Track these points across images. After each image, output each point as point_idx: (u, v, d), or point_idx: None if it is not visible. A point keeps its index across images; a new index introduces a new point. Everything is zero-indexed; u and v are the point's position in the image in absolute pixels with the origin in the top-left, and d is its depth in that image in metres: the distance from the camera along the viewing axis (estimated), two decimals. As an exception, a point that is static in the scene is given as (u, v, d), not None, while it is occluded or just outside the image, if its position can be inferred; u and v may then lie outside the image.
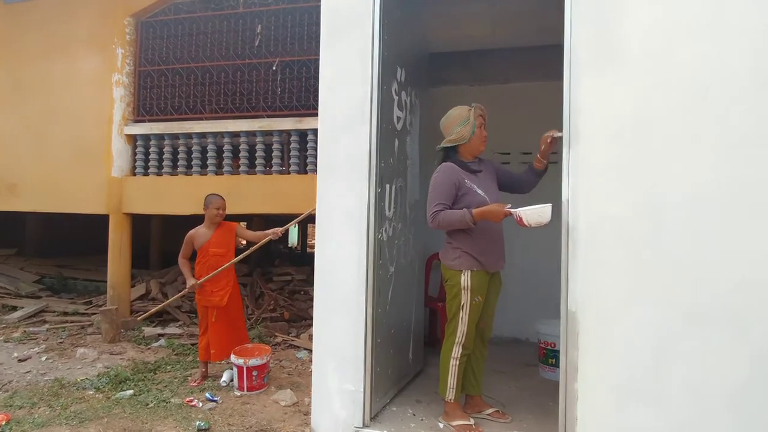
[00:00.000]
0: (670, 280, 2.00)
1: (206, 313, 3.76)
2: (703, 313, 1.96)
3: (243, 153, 5.10)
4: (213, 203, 3.73)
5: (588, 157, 2.12)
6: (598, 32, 2.12)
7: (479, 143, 2.53)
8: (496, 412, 2.66)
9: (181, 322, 5.43)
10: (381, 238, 2.55)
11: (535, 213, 2.22)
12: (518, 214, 2.25)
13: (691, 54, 2.01)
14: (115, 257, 5.28)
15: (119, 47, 5.33)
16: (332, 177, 2.50)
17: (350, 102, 2.45)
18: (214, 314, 3.70)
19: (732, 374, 1.93)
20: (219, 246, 3.74)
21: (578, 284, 2.12)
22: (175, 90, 5.37)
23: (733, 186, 1.95)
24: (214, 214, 3.72)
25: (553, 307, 3.73)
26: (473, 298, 2.45)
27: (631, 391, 2.04)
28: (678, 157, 2.01)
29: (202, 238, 3.77)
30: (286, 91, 5.08)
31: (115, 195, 5.27)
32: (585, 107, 2.13)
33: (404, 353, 3.01)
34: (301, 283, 6.09)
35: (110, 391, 3.52)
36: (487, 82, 4.14)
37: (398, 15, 2.65)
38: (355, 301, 2.45)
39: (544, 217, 2.22)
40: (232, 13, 5.23)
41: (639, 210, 2.05)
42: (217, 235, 3.76)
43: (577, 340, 2.12)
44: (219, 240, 3.76)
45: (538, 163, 2.56)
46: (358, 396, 2.42)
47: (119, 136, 5.30)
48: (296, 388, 3.58)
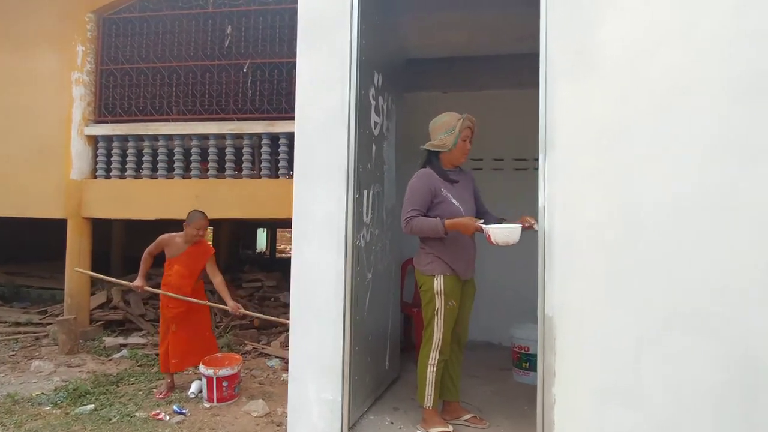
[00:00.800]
0: (646, 284, 2.06)
1: (165, 324, 3.61)
2: (677, 316, 2.03)
3: (212, 156, 4.96)
4: (195, 223, 3.51)
5: (564, 164, 2.16)
6: (574, 41, 2.17)
7: (460, 155, 2.55)
8: (473, 418, 2.66)
9: (144, 331, 5.21)
10: (359, 244, 2.52)
11: (503, 233, 2.29)
12: (488, 231, 2.31)
13: (663, 63, 2.08)
14: (73, 264, 5.01)
15: (80, 44, 5.09)
16: (310, 182, 2.46)
17: (328, 106, 2.42)
18: (174, 325, 3.54)
19: (706, 375, 1.99)
20: (185, 266, 3.55)
21: (555, 289, 2.15)
22: (140, 90, 5.17)
23: (704, 193, 2.03)
24: (194, 234, 3.53)
25: (526, 311, 3.82)
26: (447, 303, 2.47)
27: (609, 393, 2.08)
28: (652, 164, 2.08)
29: (174, 248, 3.58)
30: (258, 93, 4.98)
31: (74, 198, 5.02)
32: (561, 114, 2.17)
33: (381, 360, 2.99)
34: (272, 290, 5.97)
35: (69, 406, 3.33)
36: (462, 89, 4.19)
37: (376, 20, 2.64)
38: (334, 309, 2.40)
39: (511, 238, 2.29)
40: (201, 13, 5.10)
41: (614, 216, 2.10)
42: (188, 253, 3.57)
43: (554, 345, 2.15)
44: (188, 260, 3.56)
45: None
46: (336, 405, 2.37)
47: (79, 137, 5.05)
48: (268, 398, 3.49)
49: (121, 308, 5.42)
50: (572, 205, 2.16)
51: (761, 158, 1.97)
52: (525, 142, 4.15)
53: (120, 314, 5.33)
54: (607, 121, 2.14)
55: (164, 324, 3.63)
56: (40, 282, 6.64)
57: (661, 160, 2.08)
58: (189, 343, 3.55)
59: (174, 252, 3.58)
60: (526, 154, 4.28)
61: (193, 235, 3.54)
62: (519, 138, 4.16)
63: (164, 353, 3.57)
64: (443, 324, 2.47)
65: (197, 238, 3.57)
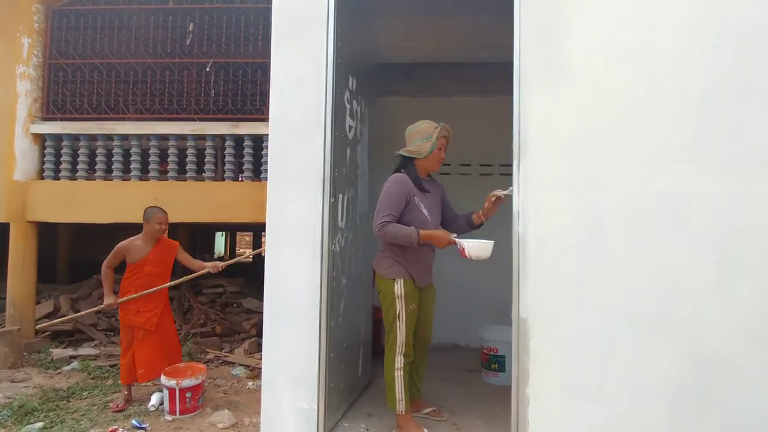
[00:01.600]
0: (612, 286, 2.15)
1: (130, 332, 3.43)
2: (640, 316, 2.13)
3: (172, 157, 4.77)
4: (155, 217, 3.41)
5: (537, 170, 2.23)
6: (545, 52, 2.25)
7: (434, 163, 2.59)
8: (433, 411, 2.75)
9: (96, 341, 4.92)
10: (334, 249, 2.49)
11: (477, 246, 2.35)
12: (461, 245, 2.37)
13: (625, 75, 2.20)
14: (16, 271, 4.67)
15: (25, 36, 4.77)
16: (284, 185, 2.40)
17: (304, 107, 2.38)
18: (141, 333, 3.39)
19: (665, 371, 2.11)
20: (156, 265, 3.44)
21: (529, 292, 2.21)
22: (93, 87, 4.90)
23: (663, 198, 2.15)
24: (156, 230, 3.42)
25: (494, 313, 3.92)
26: (408, 306, 2.49)
27: (579, 391, 2.16)
28: (617, 170, 2.18)
29: (137, 252, 3.43)
30: (221, 94, 4.84)
31: (18, 201, 4.67)
32: (534, 122, 2.24)
33: (354, 366, 2.96)
34: (234, 295, 5.80)
35: (14, 425, 3.08)
36: (430, 95, 4.24)
37: (351, 23, 2.63)
38: (309, 315, 2.36)
39: (485, 252, 2.36)
40: (160, 8, 4.90)
41: (583, 220, 2.19)
42: (156, 252, 3.45)
43: (528, 346, 2.20)
44: (157, 258, 3.45)
45: (478, 218, 2.62)
46: (311, 414, 2.33)
47: (24, 135, 4.72)
48: (234, 408, 3.38)
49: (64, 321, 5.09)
50: (544, 210, 2.23)
51: (713, 168, 2.11)
52: (490, 149, 4.28)
53: (69, 324, 5.01)
54: (575, 129, 2.23)
55: (128, 333, 3.45)
56: (-23, 291, 6.13)
57: (624, 167, 2.19)
58: (157, 351, 3.42)
59: (138, 256, 3.44)
60: (491, 160, 4.38)
61: (156, 230, 3.42)
62: (485, 144, 4.27)
63: (127, 363, 3.40)
64: (405, 327, 2.49)
65: (160, 233, 3.45)
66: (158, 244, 3.49)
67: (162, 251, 3.49)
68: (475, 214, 2.63)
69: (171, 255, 3.53)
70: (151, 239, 3.46)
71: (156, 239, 3.47)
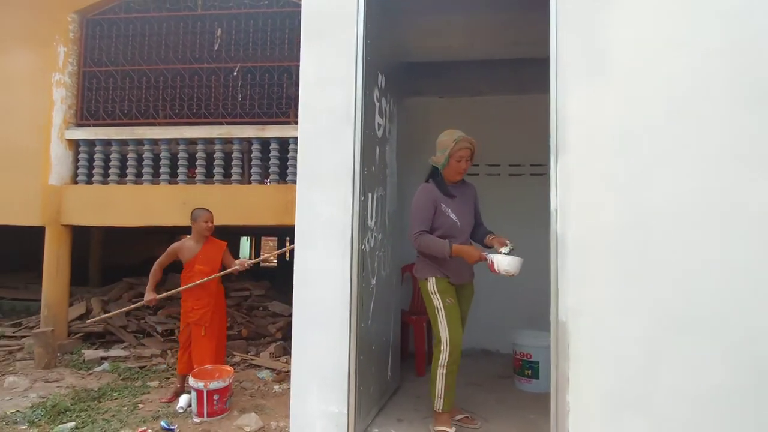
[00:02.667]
0: (659, 288, 2.04)
1: (187, 330, 3.62)
2: (690, 320, 2.01)
3: (200, 161, 4.81)
4: (201, 217, 3.64)
5: (577, 167, 2.14)
6: (585, 43, 2.16)
7: (453, 174, 2.62)
8: (465, 418, 2.70)
9: (126, 343, 4.98)
10: (364, 249, 2.44)
11: (505, 261, 2.37)
12: (491, 259, 2.40)
13: (671, 67, 2.08)
14: (51, 273, 4.78)
15: (61, 45, 4.91)
16: (314, 184, 2.37)
17: (334, 105, 2.35)
18: (203, 330, 3.56)
19: (716, 378, 1.98)
20: (205, 263, 3.63)
21: (569, 294, 2.11)
22: (125, 93, 5.01)
23: (713, 197, 2.02)
24: (204, 228, 3.64)
25: (525, 317, 3.79)
26: (445, 300, 2.54)
27: (623, 400, 2.04)
28: (662, 167, 2.07)
29: (188, 252, 3.65)
30: (248, 97, 4.88)
31: (53, 205, 4.79)
32: (573, 117, 2.14)
33: (384, 370, 2.89)
34: (260, 299, 5.80)
35: (47, 424, 3.13)
36: (457, 94, 4.17)
37: (380, 20, 2.59)
38: (339, 316, 2.31)
39: (513, 268, 2.36)
40: (189, 15, 4.98)
41: (627, 219, 2.08)
42: (204, 251, 3.65)
43: (567, 351, 2.10)
44: (206, 257, 3.65)
45: (489, 242, 2.66)
46: (341, 419, 2.27)
47: (59, 141, 4.85)
48: (261, 412, 3.35)
49: (102, 320, 5.18)
50: (584, 209, 2.13)
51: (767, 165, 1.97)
52: (520, 148, 4.17)
53: (100, 326, 5.09)
54: (617, 125, 2.13)
55: (186, 330, 3.64)
56: (13, 293, 6.32)
57: (669, 164, 2.07)
58: (212, 349, 3.60)
59: (189, 255, 3.63)
60: (521, 160, 4.27)
61: (203, 228, 3.62)
62: (514, 144, 4.16)
63: (183, 358, 3.60)
64: (447, 322, 2.52)
65: (207, 231, 3.65)
66: (207, 244, 3.66)
67: (210, 250, 3.66)
68: (490, 237, 2.67)
69: (219, 254, 3.69)
70: (201, 238, 3.65)
71: (205, 238, 3.67)
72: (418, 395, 3.14)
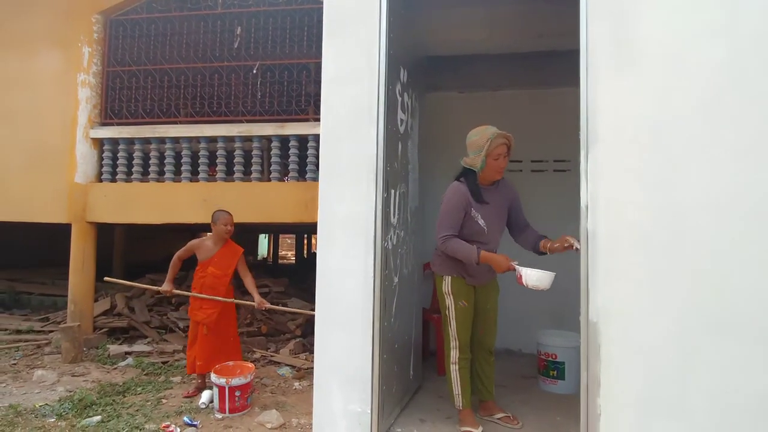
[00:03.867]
0: (693, 288, 1.95)
1: (195, 327, 3.65)
2: (725, 321, 1.92)
3: (220, 159, 4.84)
4: (221, 219, 3.63)
5: (607, 161, 2.06)
6: (616, 33, 2.08)
7: (492, 173, 2.49)
8: (506, 417, 2.66)
9: (149, 338, 5.05)
10: (387, 246, 2.40)
11: (534, 276, 2.27)
12: (520, 272, 2.30)
13: (707, 56, 1.99)
14: (77, 269, 4.87)
15: (86, 45, 4.99)
16: (336, 182, 2.34)
17: (356, 100, 2.31)
18: (204, 328, 3.58)
19: (755, 383, 1.89)
20: (219, 267, 3.65)
21: (599, 293, 2.04)
22: (147, 92, 5.06)
23: (750, 192, 1.93)
24: (223, 231, 3.65)
25: (550, 317, 3.71)
26: (457, 302, 2.52)
27: (656, 403, 1.97)
28: (698, 161, 1.98)
29: (205, 252, 3.66)
30: (267, 95, 4.88)
31: (79, 202, 4.88)
32: (603, 109, 2.07)
33: (406, 369, 2.86)
34: (279, 296, 5.82)
35: (75, 417, 3.18)
36: (478, 89, 4.10)
37: (402, 14, 2.54)
38: (361, 314, 2.28)
39: (543, 283, 2.26)
40: (209, 14, 5.00)
41: (660, 216, 2.00)
42: (220, 254, 3.67)
43: (598, 352, 2.03)
44: (221, 260, 3.66)
45: (543, 247, 2.50)
46: (365, 418, 2.24)
47: (84, 140, 4.93)
48: (282, 408, 3.35)
49: (126, 315, 5.27)
50: (615, 205, 2.06)
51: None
52: (543, 143, 4.07)
53: (124, 321, 5.18)
54: (650, 116, 2.05)
55: (194, 327, 3.67)
56: (41, 288, 6.48)
57: (706, 158, 1.98)
58: (216, 347, 3.61)
59: (206, 255, 3.65)
60: (544, 155, 4.17)
61: (223, 231, 3.62)
62: (537, 139, 4.06)
63: (193, 355, 3.62)
64: (456, 323, 2.52)
65: (227, 235, 3.65)
66: (224, 247, 3.67)
67: (226, 254, 3.67)
68: (544, 242, 2.50)
69: (234, 259, 3.69)
70: (219, 240, 3.68)
71: (224, 241, 3.67)
72: (440, 394, 3.10)
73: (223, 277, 3.63)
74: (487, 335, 2.67)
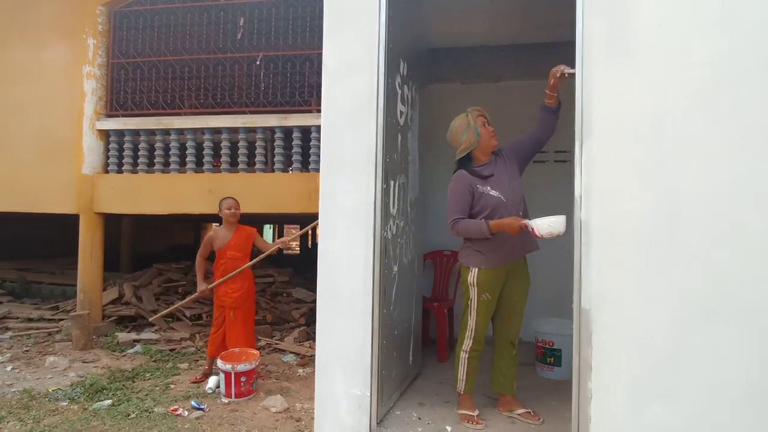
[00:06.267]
0: (686, 276, 2.00)
1: (222, 313, 3.76)
2: (717, 308, 1.97)
3: (224, 150, 4.90)
4: (224, 204, 3.79)
5: (601, 153, 2.10)
6: (612, 25, 2.10)
7: (489, 140, 2.58)
8: (527, 413, 2.63)
9: (157, 327, 5.17)
10: (386, 236, 2.46)
11: (545, 223, 2.26)
12: (530, 225, 2.30)
13: (704, 48, 2.01)
14: (86, 259, 4.98)
15: (90, 37, 5.04)
16: (337, 172, 2.40)
17: (356, 93, 2.36)
18: (232, 314, 3.70)
19: (746, 369, 1.94)
20: (236, 249, 3.78)
21: (592, 282, 2.09)
22: (152, 84, 5.11)
23: (746, 182, 1.96)
24: (227, 215, 3.77)
25: (548, 305, 3.77)
26: (480, 295, 2.53)
27: (647, 389, 2.02)
28: (692, 152, 2.01)
29: (221, 240, 3.79)
30: (270, 86, 4.92)
31: (86, 193, 4.97)
32: (598, 101, 2.10)
33: (405, 355, 2.93)
34: (284, 285, 5.92)
35: (86, 401, 3.30)
36: (480, 80, 4.12)
37: (403, 7, 2.57)
38: (361, 302, 2.35)
39: (555, 228, 2.25)
40: (213, 5, 5.03)
41: (654, 206, 2.04)
42: (235, 237, 3.80)
43: (590, 339, 2.09)
44: (237, 243, 3.79)
45: (549, 99, 2.48)
46: (364, 401, 2.32)
47: (91, 131, 5.00)
48: (286, 394, 3.45)
49: (133, 304, 5.39)
50: (609, 195, 2.10)
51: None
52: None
53: (132, 310, 5.30)
54: (646, 108, 2.07)
55: (220, 313, 3.77)
56: (51, 278, 6.61)
57: (701, 149, 2.01)
58: (245, 335, 3.75)
59: (221, 243, 3.78)
60: (546, 147, 4.19)
61: (228, 215, 3.75)
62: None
63: (216, 339, 3.74)
64: (476, 315, 2.55)
65: (232, 218, 3.77)
66: (237, 231, 3.80)
67: (241, 237, 3.80)
68: (546, 98, 2.48)
69: (249, 240, 3.84)
70: (230, 226, 3.80)
71: (234, 226, 3.81)
72: (440, 380, 3.18)
73: (243, 258, 3.78)
74: (511, 326, 2.64)
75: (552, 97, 2.48)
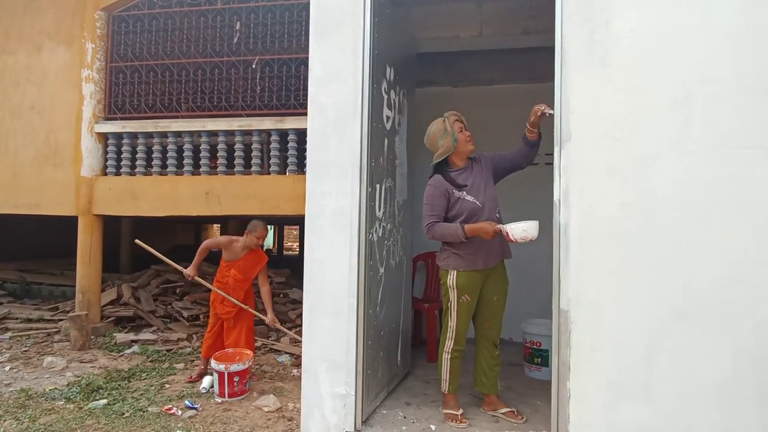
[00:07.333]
0: (659, 278, 2.04)
1: (218, 320, 3.78)
2: (689, 310, 2.02)
3: (221, 153, 4.96)
4: (257, 231, 3.71)
5: (579, 157, 2.15)
6: (589, 33, 2.15)
7: (466, 144, 2.61)
8: (510, 412, 2.67)
9: (155, 327, 5.23)
10: (371, 238, 2.51)
11: (519, 228, 2.32)
12: (505, 230, 2.36)
13: (678, 55, 2.06)
14: (84, 261, 5.04)
15: (89, 42, 5.11)
16: (322, 176, 2.45)
17: (341, 99, 2.41)
18: (231, 321, 3.72)
19: (717, 368, 1.98)
20: (241, 271, 3.73)
21: (570, 283, 2.13)
22: (150, 87, 5.18)
23: (717, 186, 2.01)
24: (254, 243, 3.72)
25: (537, 306, 3.81)
26: (460, 297, 2.55)
27: (623, 388, 2.07)
28: (666, 157, 2.06)
29: (232, 253, 3.75)
30: (266, 90, 4.97)
31: (85, 195, 5.04)
32: (576, 107, 2.15)
33: (393, 355, 2.98)
34: (280, 286, 5.97)
35: (82, 401, 3.35)
36: (471, 84, 4.16)
37: (388, 13, 2.62)
38: (347, 303, 2.40)
39: (529, 233, 2.31)
40: (209, 9, 5.09)
41: (629, 209, 2.08)
42: (245, 260, 3.75)
43: (569, 339, 2.13)
44: (245, 266, 3.74)
45: (530, 133, 2.57)
46: (349, 400, 2.37)
47: (89, 134, 5.07)
48: (279, 393, 3.49)
49: (132, 305, 5.46)
50: (588, 198, 2.15)
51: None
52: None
53: (130, 311, 5.36)
54: (623, 113, 2.12)
55: (216, 319, 3.79)
56: (51, 279, 6.69)
57: (674, 154, 2.06)
58: (243, 334, 3.75)
59: (232, 256, 3.74)
60: (539, 149, 4.24)
61: (255, 243, 3.72)
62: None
63: (209, 341, 3.76)
64: (457, 316, 2.59)
65: (256, 246, 3.75)
66: (250, 254, 3.76)
67: (250, 261, 3.76)
68: (527, 132, 2.57)
69: (257, 267, 3.80)
70: (248, 247, 3.75)
71: (250, 249, 3.75)
72: (428, 380, 3.22)
73: (244, 282, 3.73)
74: (492, 328, 2.69)
75: (533, 132, 2.56)
